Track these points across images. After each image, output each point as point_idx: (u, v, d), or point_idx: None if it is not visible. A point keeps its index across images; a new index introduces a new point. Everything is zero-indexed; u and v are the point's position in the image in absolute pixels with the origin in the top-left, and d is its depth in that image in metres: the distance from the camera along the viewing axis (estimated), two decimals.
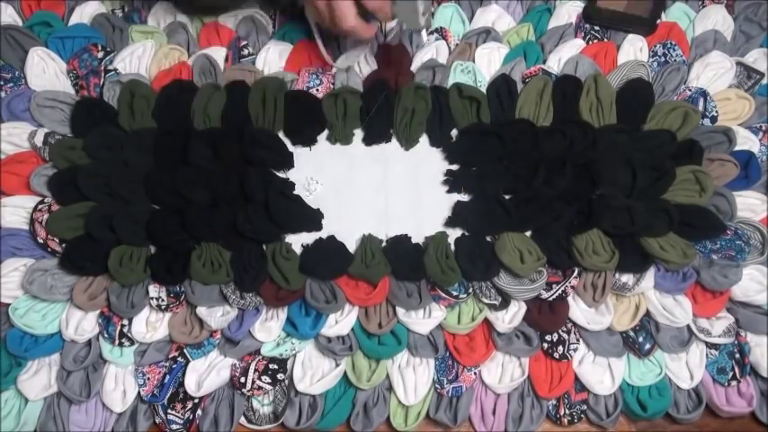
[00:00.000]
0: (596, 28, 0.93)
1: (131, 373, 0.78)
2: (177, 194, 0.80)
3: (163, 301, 0.78)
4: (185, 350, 0.78)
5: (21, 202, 0.82)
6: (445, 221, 0.83)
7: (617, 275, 0.79)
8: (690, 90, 0.88)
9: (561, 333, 0.79)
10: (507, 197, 0.82)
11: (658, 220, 0.79)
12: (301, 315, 0.78)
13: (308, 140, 0.86)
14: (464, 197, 0.84)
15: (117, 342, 0.78)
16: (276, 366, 0.77)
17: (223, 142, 0.82)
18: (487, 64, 0.90)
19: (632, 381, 0.78)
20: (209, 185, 0.80)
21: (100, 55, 0.88)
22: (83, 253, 0.79)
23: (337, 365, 0.77)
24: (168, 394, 0.77)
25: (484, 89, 0.87)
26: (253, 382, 0.76)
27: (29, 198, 0.82)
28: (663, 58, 0.90)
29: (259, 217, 0.79)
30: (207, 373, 0.77)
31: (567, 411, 0.77)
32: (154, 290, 0.78)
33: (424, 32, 0.87)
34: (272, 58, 0.89)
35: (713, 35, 0.91)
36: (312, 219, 0.82)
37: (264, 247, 0.80)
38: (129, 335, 0.78)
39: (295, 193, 0.83)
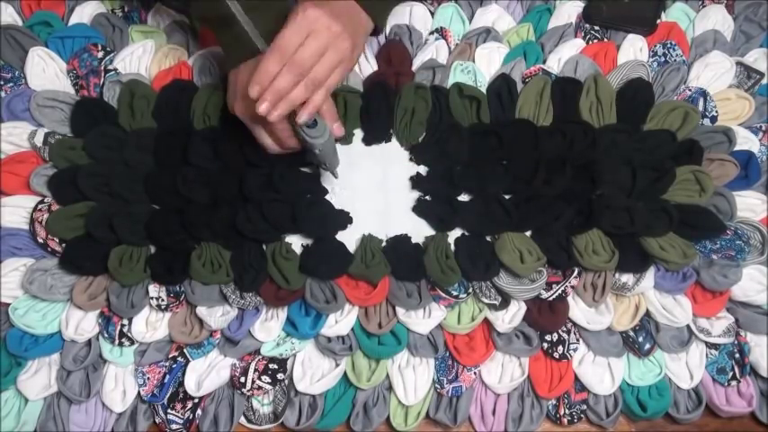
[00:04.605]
0: (596, 28, 0.93)
1: (131, 372, 0.78)
2: (177, 194, 0.80)
3: (163, 300, 0.78)
4: (185, 350, 0.78)
5: (21, 201, 0.82)
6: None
7: (617, 275, 0.80)
8: (690, 90, 0.88)
9: (561, 333, 0.79)
10: (507, 197, 0.82)
11: (658, 220, 0.80)
12: (301, 315, 0.78)
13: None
14: (463, 197, 0.84)
15: (117, 342, 0.78)
16: (276, 366, 0.77)
17: (223, 142, 0.82)
18: (487, 64, 0.90)
19: (632, 381, 0.78)
20: (209, 185, 0.80)
21: (100, 55, 0.88)
22: (83, 253, 0.79)
23: (337, 365, 0.77)
24: (168, 394, 0.77)
25: (484, 89, 0.87)
26: (253, 381, 0.76)
27: (29, 198, 0.82)
28: (663, 58, 0.90)
29: (258, 217, 0.79)
30: (207, 373, 0.77)
31: (567, 411, 0.77)
32: (154, 290, 0.78)
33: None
34: None
35: (713, 35, 0.91)
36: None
37: (264, 246, 0.80)
38: (129, 335, 0.78)
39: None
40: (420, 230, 0.82)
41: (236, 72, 0.74)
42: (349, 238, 0.81)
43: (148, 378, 0.77)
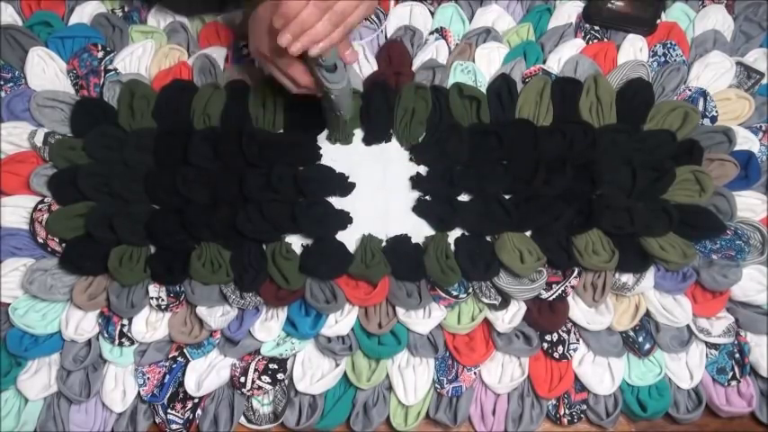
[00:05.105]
0: (596, 28, 0.93)
1: (131, 372, 0.78)
2: (177, 194, 0.80)
3: (163, 300, 0.78)
4: (185, 350, 0.78)
5: (21, 201, 0.82)
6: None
7: (617, 275, 0.80)
8: (690, 90, 0.88)
9: (561, 333, 0.79)
10: (507, 197, 0.82)
11: (658, 220, 0.80)
12: (301, 315, 0.78)
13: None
14: (465, 197, 0.84)
15: (117, 342, 0.78)
16: (276, 366, 0.77)
17: (223, 142, 0.82)
18: (487, 64, 0.90)
19: (632, 381, 0.78)
20: (209, 185, 0.80)
21: (100, 55, 0.88)
22: (83, 253, 0.79)
23: (337, 365, 0.77)
24: (168, 394, 0.77)
25: (484, 89, 0.87)
26: (253, 381, 0.76)
27: (29, 198, 0.82)
28: (663, 58, 0.90)
29: (258, 217, 0.79)
30: (207, 373, 0.77)
31: (567, 411, 0.77)
32: (154, 290, 0.78)
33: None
34: None
35: (713, 35, 0.91)
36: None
37: (264, 246, 0.80)
38: (129, 335, 0.78)
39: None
40: (420, 230, 0.82)
41: (264, 7, 0.72)
42: (349, 238, 0.81)
43: (148, 378, 0.77)
